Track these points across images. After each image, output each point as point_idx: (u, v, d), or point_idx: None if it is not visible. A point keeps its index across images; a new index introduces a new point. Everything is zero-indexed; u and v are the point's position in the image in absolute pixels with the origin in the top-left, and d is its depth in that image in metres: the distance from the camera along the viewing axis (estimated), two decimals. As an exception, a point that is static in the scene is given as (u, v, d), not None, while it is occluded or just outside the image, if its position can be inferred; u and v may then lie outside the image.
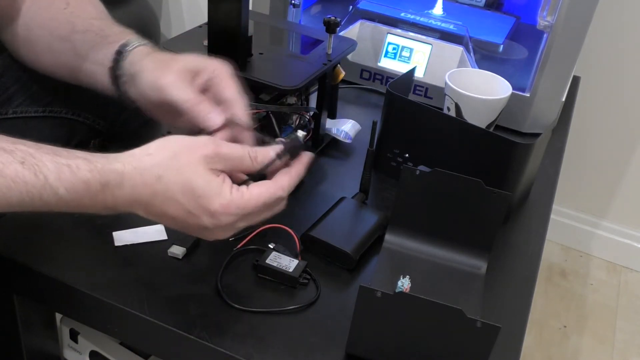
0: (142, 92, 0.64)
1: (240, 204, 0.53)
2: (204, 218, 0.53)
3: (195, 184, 0.52)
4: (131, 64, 0.65)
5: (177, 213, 0.53)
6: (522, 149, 0.74)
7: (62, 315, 0.80)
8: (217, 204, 0.52)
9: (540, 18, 0.94)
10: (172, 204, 0.53)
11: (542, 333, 1.45)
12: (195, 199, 0.52)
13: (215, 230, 0.54)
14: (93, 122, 0.80)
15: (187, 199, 0.52)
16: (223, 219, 0.53)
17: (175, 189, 0.52)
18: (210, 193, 0.52)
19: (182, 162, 0.53)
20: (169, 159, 0.53)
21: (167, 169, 0.53)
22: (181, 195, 0.52)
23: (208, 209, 0.52)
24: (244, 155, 0.55)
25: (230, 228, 0.55)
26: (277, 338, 0.60)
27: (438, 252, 0.71)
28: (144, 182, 0.52)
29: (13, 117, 0.74)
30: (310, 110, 0.83)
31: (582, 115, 1.44)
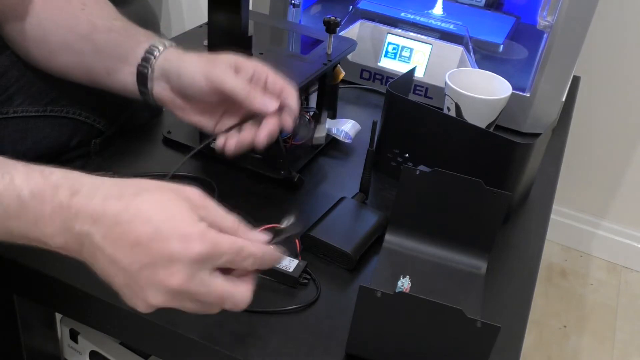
0: (184, 85, 0.65)
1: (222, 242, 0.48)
2: (173, 242, 0.46)
3: (176, 212, 0.47)
4: (167, 61, 0.67)
5: (144, 234, 0.46)
6: (522, 149, 0.74)
7: (62, 315, 0.80)
8: (196, 229, 0.47)
9: (540, 18, 0.94)
10: (143, 221, 0.47)
11: (542, 333, 1.45)
12: (171, 220, 0.47)
13: (148, 288, 0.47)
14: (94, 121, 0.80)
15: (162, 217, 0.47)
16: (195, 246, 0.46)
17: (151, 208, 0.47)
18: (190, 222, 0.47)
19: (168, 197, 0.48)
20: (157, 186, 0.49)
21: (149, 190, 0.48)
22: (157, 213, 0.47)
23: (181, 232, 0.46)
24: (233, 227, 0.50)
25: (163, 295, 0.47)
26: (277, 338, 0.60)
27: (438, 252, 0.71)
28: (120, 194, 0.48)
29: (14, 117, 0.74)
30: (310, 110, 0.83)
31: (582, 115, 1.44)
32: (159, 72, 0.67)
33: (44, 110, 0.76)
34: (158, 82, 0.68)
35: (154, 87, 0.68)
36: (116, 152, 0.80)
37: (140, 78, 0.68)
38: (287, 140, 0.82)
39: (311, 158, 0.86)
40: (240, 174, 0.81)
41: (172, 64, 0.66)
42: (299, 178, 0.79)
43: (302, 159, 0.84)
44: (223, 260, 0.48)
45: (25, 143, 0.74)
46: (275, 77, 0.65)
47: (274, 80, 0.65)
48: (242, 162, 0.81)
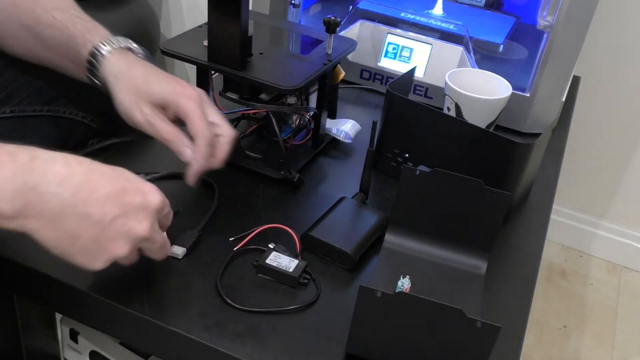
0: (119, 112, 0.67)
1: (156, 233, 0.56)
2: (139, 195, 0.54)
3: (130, 175, 0.55)
4: (106, 75, 0.67)
5: (114, 189, 0.52)
6: (522, 149, 0.74)
7: (62, 315, 0.80)
8: (151, 185, 0.55)
9: (540, 18, 0.94)
10: (110, 179, 0.53)
11: (542, 333, 1.45)
12: (131, 179, 0.55)
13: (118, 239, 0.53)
14: (91, 121, 0.80)
15: (124, 177, 0.54)
16: (156, 197, 0.55)
17: (112, 170, 0.54)
18: (144, 181, 0.56)
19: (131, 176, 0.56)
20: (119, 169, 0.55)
21: (114, 170, 0.55)
22: (119, 173, 0.54)
23: (142, 187, 0.55)
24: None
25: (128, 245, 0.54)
26: (277, 338, 0.60)
27: (438, 252, 0.71)
28: (79, 161, 0.52)
29: (11, 116, 0.74)
30: (310, 110, 0.83)
31: (582, 115, 1.44)
32: (106, 84, 0.67)
33: (41, 110, 0.76)
34: (110, 90, 0.67)
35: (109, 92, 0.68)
36: (114, 152, 0.80)
37: (92, 82, 0.68)
38: (287, 140, 0.82)
39: (311, 158, 0.86)
40: (240, 174, 0.81)
41: (109, 79, 0.66)
42: (299, 178, 0.79)
43: (302, 159, 0.84)
44: (165, 212, 0.57)
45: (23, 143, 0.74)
46: (192, 120, 0.65)
47: (189, 125, 0.65)
48: (242, 162, 0.81)
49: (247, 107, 0.78)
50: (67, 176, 0.51)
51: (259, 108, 0.78)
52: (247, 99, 0.77)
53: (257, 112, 0.82)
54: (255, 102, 0.78)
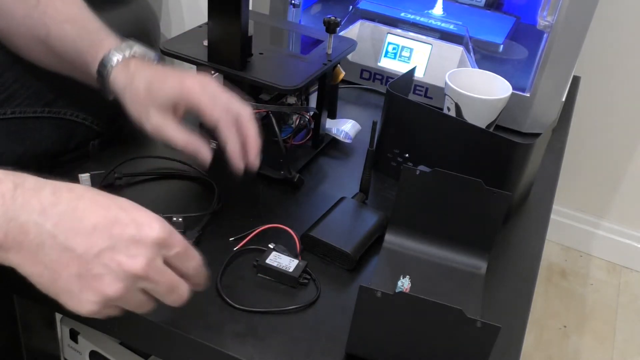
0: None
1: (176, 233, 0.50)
2: (133, 226, 0.47)
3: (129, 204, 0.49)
4: (115, 90, 0.67)
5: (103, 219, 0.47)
6: (522, 149, 0.74)
7: (62, 315, 0.80)
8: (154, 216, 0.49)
9: (540, 18, 0.94)
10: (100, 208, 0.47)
11: (542, 333, 1.45)
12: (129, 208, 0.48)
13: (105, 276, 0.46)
14: (92, 122, 0.80)
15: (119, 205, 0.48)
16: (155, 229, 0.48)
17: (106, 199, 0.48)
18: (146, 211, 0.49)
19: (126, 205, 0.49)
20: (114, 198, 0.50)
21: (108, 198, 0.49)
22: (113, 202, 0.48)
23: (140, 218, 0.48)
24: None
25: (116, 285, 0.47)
26: (277, 338, 0.60)
27: (438, 252, 0.71)
28: (70, 188, 0.48)
29: (12, 117, 0.74)
30: (310, 110, 0.83)
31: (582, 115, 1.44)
32: (115, 93, 0.68)
33: (42, 111, 0.76)
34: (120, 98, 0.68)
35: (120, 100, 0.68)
36: (116, 152, 0.80)
37: (105, 92, 0.69)
38: (287, 140, 0.82)
39: (311, 158, 0.86)
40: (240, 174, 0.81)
41: (119, 97, 0.67)
42: (299, 178, 0.79)
43: (302, 159, 0.84)
44: (174, 252, 0.49)
45: (23, 144, 0.74)
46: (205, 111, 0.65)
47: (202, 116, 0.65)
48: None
49: (247, 107, 0.78)
50: (51, 204, 0.46)
51: (259, 108, 0.78)
52: (247, 99, 0.77)
53: (257, 112, 0.82)
54: (255, 102, 0.78)
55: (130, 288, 0.48)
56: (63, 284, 0.47)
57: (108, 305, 0.49)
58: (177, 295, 0.51)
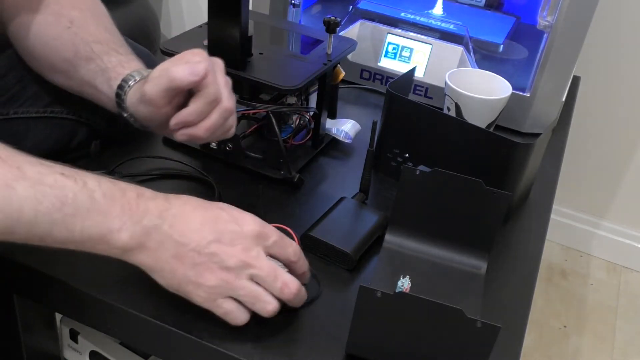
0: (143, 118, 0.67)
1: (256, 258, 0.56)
2: (232, 223, 0.56)
3: (233, 214, 0.57)
4: (132, 97, 0.67)
5: (208, 217, 0.56)
6: (522, 149, 0.74)
7: (62, 315, 0.80)
8: (247, 214, 0.57)
9: (540, 18, 0.94)
10: (203, 208, 0.56)
11: (542, 333, 1.45)
12: (226, 209, 0.57)
13: (212, 263, 0.55)
14: (94, 122, 0.80)
15: (218, 207, 0.57)
16: (249, 224, 0.56)
17: (206, 203, 0.57)
18: (243, 232, 0.56)
19: (224, 205, 0.58)
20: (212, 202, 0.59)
21: (207, 202, 0.58)
22: (212, 206, 0.57)
23: (237, 216, 0.57)
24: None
25: (225, 274, 0.55)
26: (277, 338, 0.60)
27: (438, 252, 0.71)
28: (177, 196, 0.57)
29: (14, 118, 0.74)
30: (310, 110, 0.83)
31: (582, 115, 1.44)
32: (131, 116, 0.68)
33: (44, 111, 0.76)
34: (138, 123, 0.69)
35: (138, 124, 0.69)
36: (116, 153, 0.80)
37: (122, 119, 0.69)
38: (287, 140, 0.82)
39: (311, 158, 0.86)
40: (240, 174, 0.81)
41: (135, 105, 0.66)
42: (299, 178, 0.79)
43: (302, 159, 0.84)
44: (272, 241, 0.57)
45: (26, 144, 0.74)
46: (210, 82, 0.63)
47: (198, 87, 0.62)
48: (242, 162, 0.81)
49: (247, 107, 0.78)
50: (165, 209, 0.55)
51: (259, 108, 0.78)
52: (247, 99, 0.77)
53: (257, 112, 0.82)
54: (255, 102, 0.78)
55: (238, 274, 0.55)
56: (182, 276, 0.55)
57: (224, 293, 0.56)
58: (281, 282, 0.56)
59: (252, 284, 0.56)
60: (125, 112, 0.68)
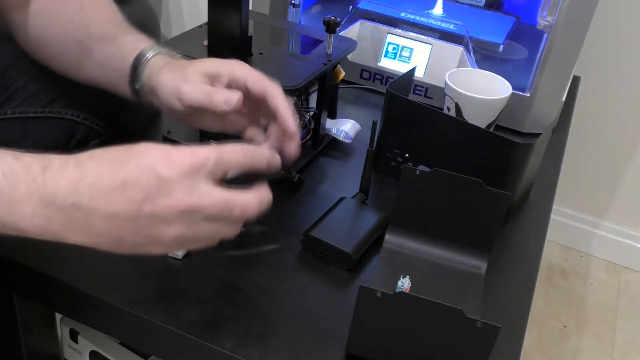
0: (166, 104, 0.64)
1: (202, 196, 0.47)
2: (156, 169, 0.46)
3: (158, 164, 0.47)
4: (149, 78, 0.66)
5: (128, 174, 0.46)
6: (522, 149, 0.74)
7: (62, 315, 0.80)
8: (171, 149, 0.47)
9: (540, 18, 0.94)
10: (122, 165, 0.47)
11: (542, 333, 1.45)
12: (146, 155, 0.47)
13: (157, 223, 0.47)
14: (92, 122, 0.79)
15: (138, 156, 0.47)
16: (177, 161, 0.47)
17: (124, 154, 0.47)
18: (172, 175, 0.47)
19: (146, 151, 0.48)
20: (128, 149, 0.48)
21: (124, 152, 0.48)
22: (132, 155, 0.47)
23: (159, 159, 0.47)
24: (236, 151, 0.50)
25: (178, 228, 0.48)
26: (277, 338, 0.60)
27: (438, 252, 0.71)
28: (90, 156, 0.48)
29: (12, 117, 0.74)
30: (310, 110, 0.83)
31: (582, 115, 1.44)
32: (148, 90, 0.66)
33: (42, 111, 0.76)
34: (152, 97, 0.67)
35: (152, 101, 0.67)
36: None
37: (134, 93, 0.68)
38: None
39: (311, 158, 0.86)
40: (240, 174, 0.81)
41: (153, 82, 0.65)
42: (299, 178, 0.79)
43: (302, 159, 0.84)
44: (210, 166, 0.48)
45: (24, 144, 0.74)
46: (254, 80, 0.61)
47: (252, 85, 0.61)
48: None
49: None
50: (80, 179, 0.46)
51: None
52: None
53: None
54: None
55: (189, 223, 0.48)
56: (128, 246, 0.48)
57: (183, 245, 0.49)
58: (239, 210, 0.49)
59: (208, 224, 0.49)
60: (137, 85, 0.67)
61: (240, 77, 0.61)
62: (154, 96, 0.66)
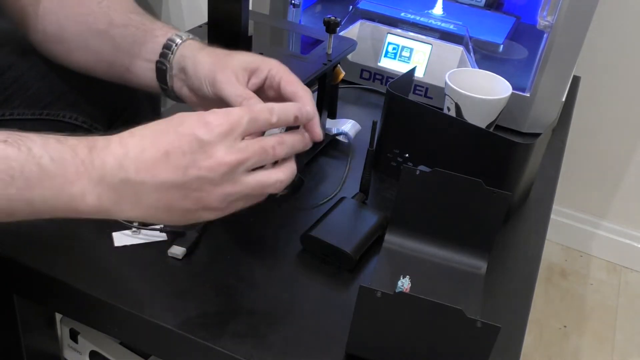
0: (196, 86, 0.64)
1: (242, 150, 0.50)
2: (195, 133, 0.49)
3: (197, 129, 0.49)
4: (183, 57, 0.65)
5: (169, 142, 0.49)
6: (522, 149, 0.74)
7: (62, 315, 0.80)
8: (219, 145, 0.49)
9: (540, 18, 0.94)
10: (162, 135, 0.49)
11: (542, 333, 1.45)
12: (185, 123, 0.49)
13: (204, 185, 0.49)
14: (90, 126, 0.79)
15: (175, 125, 0.49)
16: (215, 122, 0.49)
17: (164, 126, 0.50)
18: (212, 137, 0.49)
19: (182, 119, 0.50)
20: (166, 121, 0.51)
21: (162, 123, 0.50)
22: (171, 125, 0.50)
23: (196, 124, 0.49)
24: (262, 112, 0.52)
25: (225, 187, 0.50)
26: (277, 338, 0.60)
27: (438, 252, 0.71)
28: (131, 133, 0.50)
29: (9, 120, 0.74)
30: (310, 110, 0.83)
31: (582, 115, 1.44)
32: (176, 69, 0.66)
33: (40, 113, 0.75)
34: (177, 78, 0.66)
35: (174, 83, 0.67)
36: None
37: (159, 74, 0.67)
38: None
39: (311, 158, 0.86)
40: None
41: (187, 62, 0.65)
42: (299, 178, 0.79)
43: (302, 159, 0.84)
44: (245, 124, 0.50)
45: None
46: (289, 80, 0.62)
47: (286, 84, 0.62)
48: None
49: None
50: (124, 155, 0.49)
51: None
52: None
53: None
54: (255, 102, 0.78)
55: (235, 178, 0.50)
56: (180, 213, 0.50)
57: (234, 200, 0.51)
58: (273, 147, 0.52)
59: (252, 174, 0.51)
60: (167, 67, 0.66)
61: (276, 75, 0.63)
62: (183, 78, 0.66)
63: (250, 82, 0.63)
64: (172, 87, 0.67)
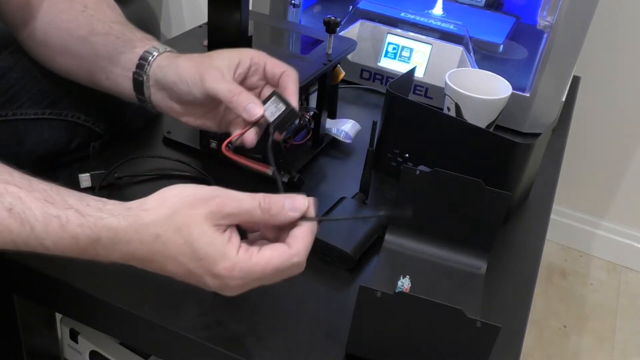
0: (183, 91, 0.65)
1: (245, 267, 0.49)
2: (207, 279, 0.50)
3: (197, 245, 0.49)
4: (160, 68, 0.66)
5: (177, 271, 0.50)
6: (522, 149, 0.74)
7: (62, 315, 0.80)
8: (221, 266, 0.49)
9: (540, 18, 0.94)
10: (171, 263, 0.50)
11: (542, 333, 1.45)
12: (197, 260, 0.49)
13: (222, 289, 0.51)
14: (93, 124, 0.79)
15: (187, 259, 0.49)
16: (228, 281, 0.50)
17: (174, 249, 0.49)
18: (213, 254, 0.49)
19: (182, 221, 0.49)
20: (167, 217, 0.49)
21: (165, 227, 0.49)
22: (182, 256, 0.49)
23: (211, 271, 0.49)
24: (254, 208, 0.50)
25: (239, 288, 0.51)
26: (277, 338, 0.60)
27: (438, 252, 0.71)
28: (140, 240, 0.50)
29: (13, 119, 0.74)
30: (310, 110, 0.83)
31: (582, 115, 1.44)
32: (153, 80, 0.67)
33: (42, 113, 0.76)
34: (154, 89, 0.68)
35: (151, 94, 0.68)
36: (115, 153, 0.80)
37: (136, 85, 0.68)
38: (287, 140, 0.82)
39: (311, 158, 0.86)
40: (240, 174, 0.81)
41: (165, 72, 0.66)
42: (299, 178, 0.79)
43: (302, 159, 0.84)
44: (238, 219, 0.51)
45: (25, 146, 0.74)
46: (273, 63, 0.65)
47: (272, 67, 0.65)
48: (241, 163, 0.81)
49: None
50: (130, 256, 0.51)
51: (259, 108, 0.78)
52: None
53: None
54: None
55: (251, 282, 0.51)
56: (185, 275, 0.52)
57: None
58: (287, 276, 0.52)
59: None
60: (143, 78, 0.67)
61: (259, 62, 0.65)
62: (159, 88, 0.67)
63: (236, 74, 0.64)
64: (150, 98, 0.68)
